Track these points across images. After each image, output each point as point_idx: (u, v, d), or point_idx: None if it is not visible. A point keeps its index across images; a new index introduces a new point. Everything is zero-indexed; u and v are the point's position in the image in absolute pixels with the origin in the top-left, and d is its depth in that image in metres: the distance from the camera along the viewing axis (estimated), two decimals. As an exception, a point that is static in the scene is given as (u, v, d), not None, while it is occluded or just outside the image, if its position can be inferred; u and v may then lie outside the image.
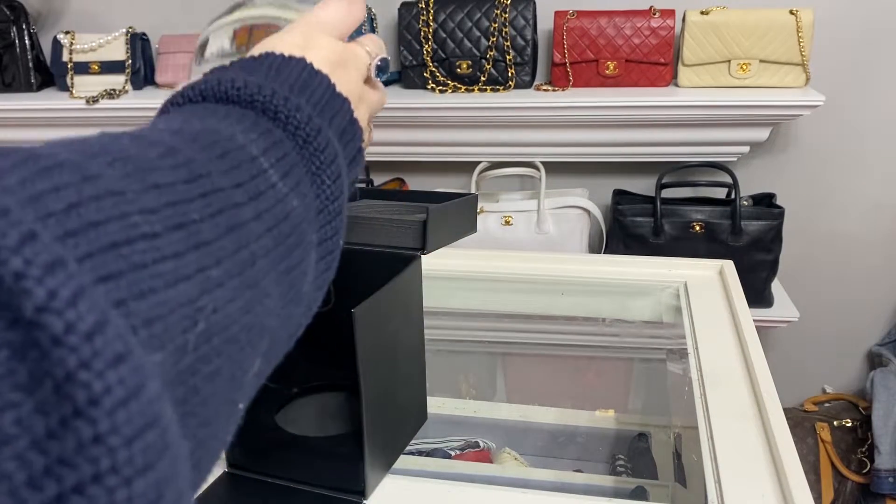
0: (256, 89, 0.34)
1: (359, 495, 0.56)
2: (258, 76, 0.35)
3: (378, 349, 0.56)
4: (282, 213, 0.30)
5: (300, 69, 0.37)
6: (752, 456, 0.58)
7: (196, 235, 0.24)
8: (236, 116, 0.32)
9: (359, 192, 0.75)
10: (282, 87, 0.35)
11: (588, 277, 0.92)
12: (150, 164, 0.25)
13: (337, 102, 0.38)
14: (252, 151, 0.30)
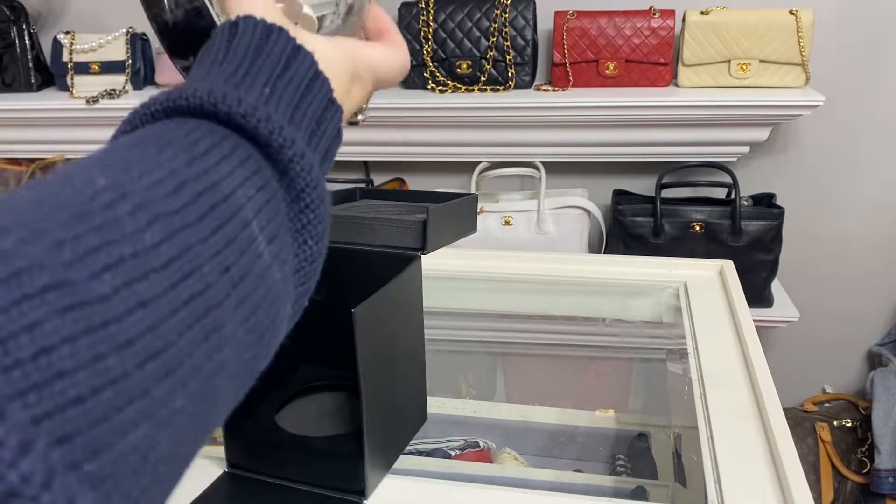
0: (257, 121, 0.30)
1: (359, 495, 0.56)
2: (254, 91, 0.32)
3: (378, 349, 0.56)
4: (262, 294, 0.28)
5: (296, 65, 0.35)
6: (752, 456, 0.58)
7: (169, 363, 0.22)
8: (228, 148, 0.29)
9: (359, 192, 0.75)
10: (280, 107, 0.32)
11: (588, 277, 0.92)
12: (145, 261, 0.22)
13: (331, 109, 0.36)
14: (247, 216, 0.28)
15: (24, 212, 0.21)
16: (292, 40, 0.36)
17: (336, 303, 0.63)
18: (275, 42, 0.35)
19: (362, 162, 1.73)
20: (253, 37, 0.35)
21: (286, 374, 0.70)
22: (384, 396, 0.58)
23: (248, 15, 0.36)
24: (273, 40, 0.35)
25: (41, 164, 1.72)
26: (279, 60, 0.35)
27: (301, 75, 0.35)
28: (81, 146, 1.72)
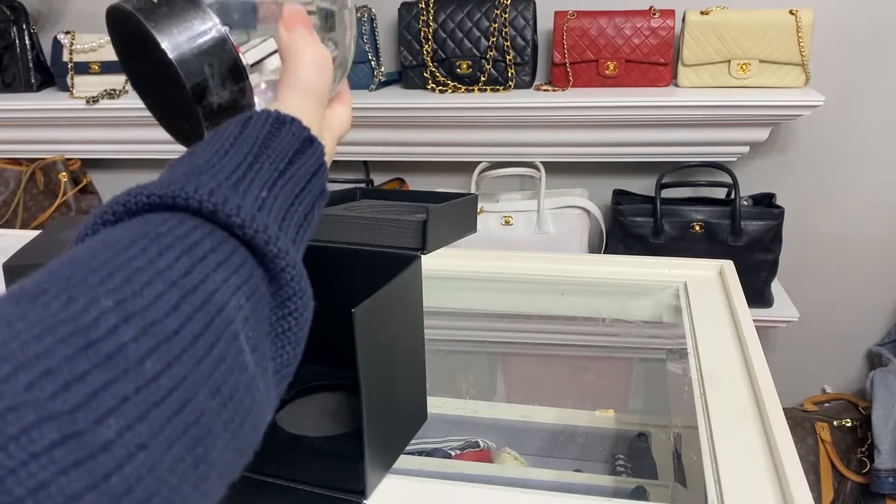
0: (254, 232, 0.31)
1: (359, 495, 0.56)
2: (252, 193, 0.33)
3: (378, 349, 0.56)
4: (248, 407, 0.28)
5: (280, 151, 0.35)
6: (752, 456, 0.58)
7: (162, 494, 0.22)
8: (225, 253, 0.29)
9: (359, 192, 0.75)
10: (275, 208, 0.33)
11: (588, 277, 0.92)
12: (146, 397, 0.23)
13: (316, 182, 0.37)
14: (237, 329, 0.28)
15: (28, 341, 0.21)
16: (305, 131, 0.37)
17: (336, 303, 0.63)
18: (286, 134, 0.36)
19: (362, 162, 1.73)
20: (262, 129, 0.36)
21: (286, 374, 0.70)
22: (384, 396, 0.58)
23: (268, 111, 0.37)
24: (285, 132, 0.36)
25: (41, 164, 1.72)
26: (285, 155, 0.36)
27: (306, 170, 0.36)
28: (81, 146, 1.72)
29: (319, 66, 0.40)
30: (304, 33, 0.41)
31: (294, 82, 0.40)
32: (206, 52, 0.39)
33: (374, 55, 1.57)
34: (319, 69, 0.41)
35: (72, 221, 0.72)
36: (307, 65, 0.40)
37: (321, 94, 0.41)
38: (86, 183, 1.78)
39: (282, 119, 0.37)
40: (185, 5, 0.39)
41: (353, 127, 1.63)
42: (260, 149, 0.35)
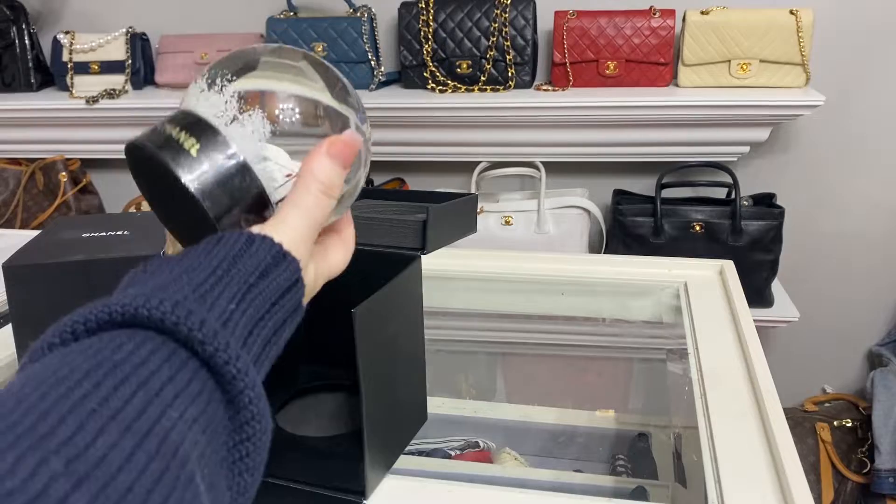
0: (214, 350, 0.30)
1: (359, 495, 0.56)
2: (218, 306, 0.32)
3: (378, 349, 0.56)
4: None
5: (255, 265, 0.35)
6: (753, 456, 0.58)
7: None
8: (183, 381, 0.29)
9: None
10: (240, 323, 0.33)
11: (588, 277, 0.92)
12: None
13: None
14: (193, 470, 0.27)
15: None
16: (277, 246, 0.37)
17: (336, 303, 0.63)
18: (257, 248, 0.36)
19: (362, 162, 1.73)
20: (234, 245, 0.36)
21: (286, 374, 0.70)
22: (384, 396, 0.58)
23: (240, 231, 0.37)
24: (256, 247, 0.36)
25: (41, 164, 1.72)
26: (255, 269, 0.35)
27: (278, 283, 0.36)
28: (81, 146, 1.72)
29: (328, 194, 0.40)
30: (333, 162, 0.40)
31: (298, 203, 0.39)
32: (230, 188, 0.39)
33: (374, 55, 1.57)
34: (327, 197, 0.40)
35: (72, 221, 0.71)
36: (317, 192, 0.40)
37: (321, 221, 0.41)
38: (85, 183, 1.78)
39: (252, 236, 0.37)
40: (211, 140, 0.39)
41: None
42: (230, 263, 0.35)
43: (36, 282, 0.60)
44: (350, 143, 0.41)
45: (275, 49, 0.44)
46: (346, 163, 0.41)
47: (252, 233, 0.37)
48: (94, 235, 0.66)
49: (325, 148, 0.40)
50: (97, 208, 1.81)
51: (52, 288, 0.60)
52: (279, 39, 1.56)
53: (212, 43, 1.65)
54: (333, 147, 0.40)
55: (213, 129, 0.39)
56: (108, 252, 0.62)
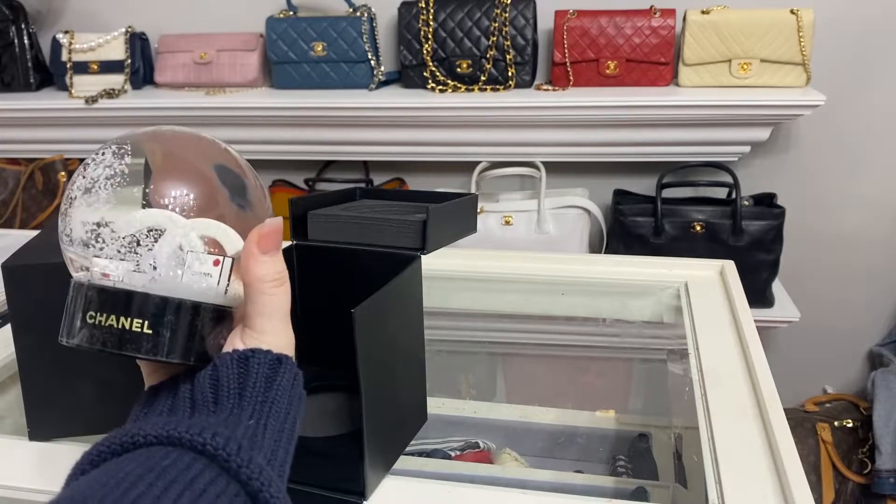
0: (238, 467, 0.34)
1: (359, 496, 0.56)
2: (240, 427, 0.36)
3: (378, 349, 0.55)
4: None
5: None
6: (753, 456, 0.58)
7: None
8: (221, 485, 0.33)
9: (358, 192, 0.75)
10: (266, 437, 0.37)
11: (588, 277, 0.92)
12: None
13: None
14: None
15: None
16: (270, 355, 0.40)
17: (336, 303, 0.62)
18: (254, 364, 0.39)
19: (362, 162, 1.73)
20: (232, 371, 0.39)
21: (286, 374, 0.69)
22: (384, 396, 0.58)
23: (231, 352, 0.40)
24: (253, 362, 0.39)
25: (40, 164, 1.72)
26: (261, 385, 0.39)
27: (286, 384, 0.40)
28: (80, 146, 1.72)
29: (280, 283, 0.41)
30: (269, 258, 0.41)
31: (264, 310, 0.41)
32: (193, 332, 0.40)
33: (374, 55, 1.57)
34: (281, 285, 0.42)
35: (70, 221, 0.71)
36: (272, 290, 0.41)
37: (287, 307, 0.42)
38: (85, 183, 1.78)
39: (244, 355, 0.39)
40: (153, 306, 0.39)
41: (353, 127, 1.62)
42: (239, 387, 0.38)
43: (35, 282, 0.59)
44: (274, 230, 0.41)
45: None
46: (279, 246, 0.42)
47: (241, 351, 0.40)
48: (94, 235, 0.66)
49: (256, 249, 0.40)
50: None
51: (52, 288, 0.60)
52: (279, 39, 1.56)
53: (211, 42, 1.65)
54: (264, 243, 0.41)
55: (149, 296, 0.38)
56: (107, 252, 0.61)
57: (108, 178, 0.40)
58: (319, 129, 1.57)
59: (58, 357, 0.59)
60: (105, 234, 0.39)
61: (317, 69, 1.57)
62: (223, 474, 0.33)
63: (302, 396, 0.41)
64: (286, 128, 1.58)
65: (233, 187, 0.43)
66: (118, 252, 0.39)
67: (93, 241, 0.39)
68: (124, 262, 0.39)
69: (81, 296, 0.39)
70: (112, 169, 0.40)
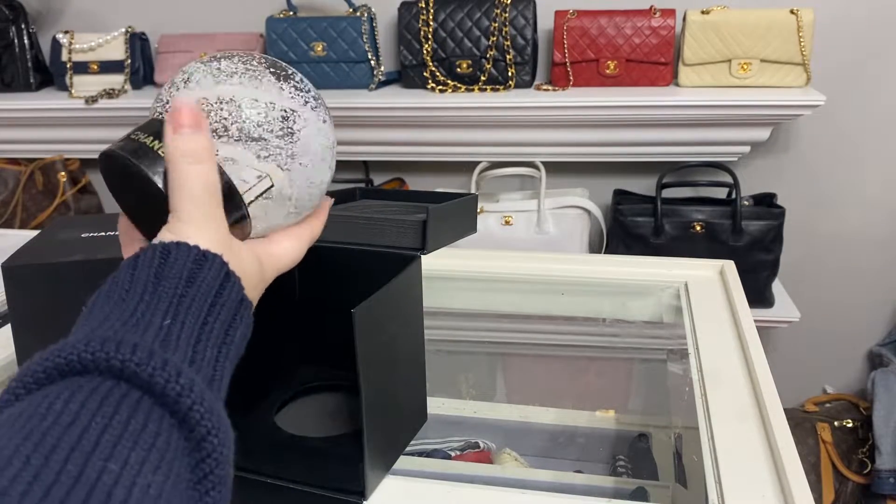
0: (151, 371, 0.30)
1: (359, 496, 0.56)
2: (152, 327, 0.32)
3: (378, 349, 0.55)
4: None
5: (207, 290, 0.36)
6: (753, 456, 0.58)
7: None
8: (107, 418, 0.28)
9: (358, 192, 0.75)
10: (182, 335, 0.33)
11: (588, 277, 0.92)
12: None
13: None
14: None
15: None
16: (194, 249, 0.36)
17: (336, 303, 0.63)
18: (175, 258, 0.36)
19: (362, 162, 1.73)
20: (153, 262, 0.36)
21: (286, 374, 0.70)
22: (384, 396, 0.58)
23: (153, 244, 0.37)
24: (174, 257, 0.36)
25: (40, 164, 1.72)
26: (180, 277, 0.35)
27: (209, 283, 0.36)
28: (80, 146, 1.72)
29: (198, 161, 0.40)
30: (187, 150, 0.40)
31: (177, 186, 0.39)
32: None
33: (374, 54, 1.57)
34: (199, 163, 0.40)
35: (71, 221, 0.71)
36: (185, 165, 0.39)
37: (209, 189, 0.40)
38: (85, 183, 1.78)
39: (167, 247, 0.36)
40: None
41: (353, 126, 1.61)
42: (154, 282, 0.35)
43: (35, 282, 0.59)
44: (188, 108, 0.41)
45: (232, 57, 0.45)
46: (198, 125, 0.41)
47: (165, 243, 0.37)
48: (93, 235, 0.66)
49: (170, 124, 0.40)
50: (96, 208, 1.81)
51: (51, 288, 0.60)
52: (279, 39, 1.56)
53: (211, 42, 1.65)
54: (176, 117, 0.40)
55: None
56: (106, 252, 0.62)
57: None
58: (319, 129, 1.57)
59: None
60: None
61: (317, 69, 1.57)
62: (126, 396, 0.29)
63: (244, 303, 0.38)
64: (286, 128, 1.58)
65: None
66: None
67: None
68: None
69: (146, 122, 0.44)
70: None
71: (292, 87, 0.45)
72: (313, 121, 0.45)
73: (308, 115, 0.45)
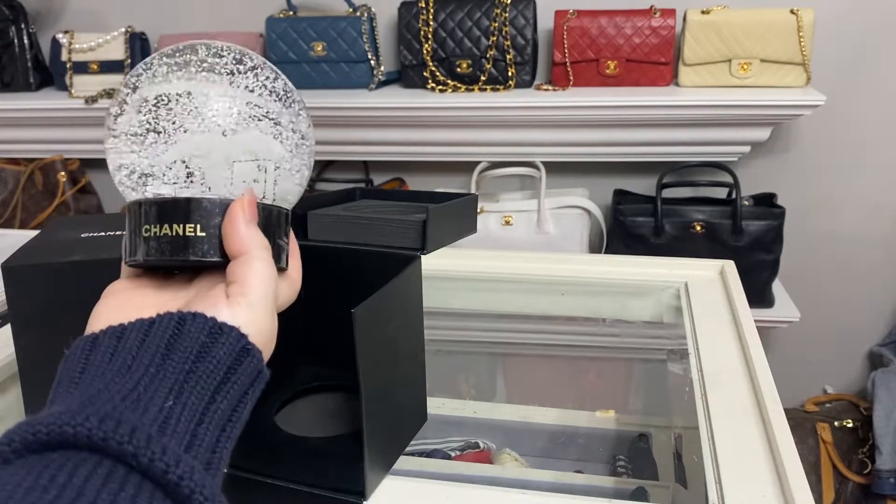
0: (150, 460, 0.28)
1: (359, 496, 0.56)
2: (152, 408, 0.31)
3: (378, 349, 0.55)
4: None
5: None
6: (753, 457, 0.58)
7: None
8: (111, 497, 0.27)
9: (358, 192, 0.75)
10: (182, 420, 0.31)
11: (588, 277, 0.92)
12: None
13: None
14: None
15: None
16: (210, 321, 0.35)
17: (336, 303, 0.62)
18: (189, 330, 0.34)
19: (362, 162, 1.73)
20: (166, 332, 0.34)
21: (286, 374, 0.70)
22: (384, 397, 0.57)
23: (170, 312, 0.35)
24: (188, 328, 0.34)
25: (40, 164, 1.72)
26: (191, 351, 0.34)
27: (220, 359, 0.34)
28: (80, 146, 1.72)
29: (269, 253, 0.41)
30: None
31: (260, 277, 0.39)
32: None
33: (374, 54, 1.57)
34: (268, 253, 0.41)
35: (70, 221, 0.71)
36: (271, 261, 0.40)
37: (273, 298, 0.40)
38: (84, 183, 1.78)
39: (184, 316, 0.35)
40: (201, 209, 0.40)
41: (353, 126, 1.61)
42: (164, 353, 0.33)
43: (35, 282, 0.59)
44: (251, 201, 0.41)
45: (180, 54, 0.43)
46: (254, 217, 0.41)
47: (183, 313, 0.35)
48: (93, 235, 0.66)
49: (241, 216, 0.40)
50: (96, 208, 1.81)
51: (51, 288, 0.60)
52: (279, 39, 1.56)
53: (211, 42, 1.65)
54: (250, 210, 0.40)
55: (197, 200, 0.40)
56: (106, 252, 0.61)
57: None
58: (319, 129, 1.57)
59: (58, 357, 0.59)
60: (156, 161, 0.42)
61: (317, 69, 1.57)
62: (128, 480, 0.28)
63: (260, 376, 0.37)
64: (286, 128, 1.58)
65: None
66: (166, 173, 0.42)
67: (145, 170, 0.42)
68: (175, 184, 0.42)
69: (138, 214, 0.41)
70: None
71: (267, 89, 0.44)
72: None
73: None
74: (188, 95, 0.42)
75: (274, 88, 0.44)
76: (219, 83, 0.42)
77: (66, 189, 1.72)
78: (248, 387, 0.36)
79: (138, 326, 0.35)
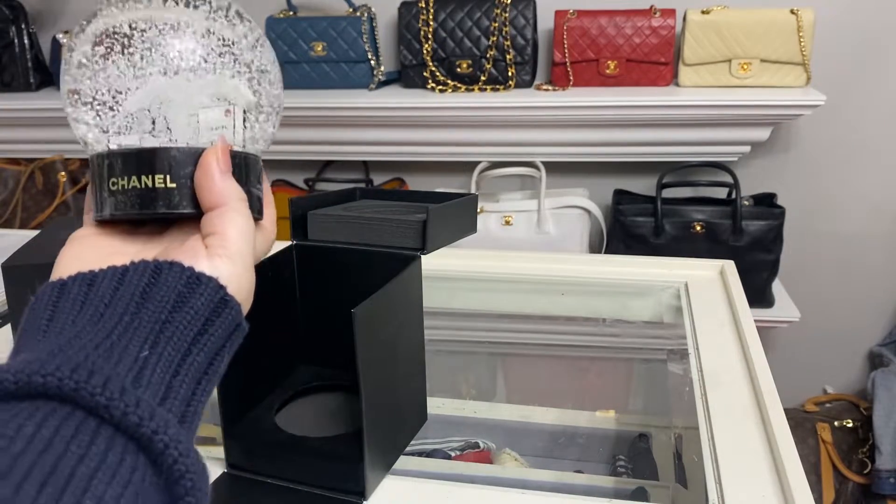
0: (123, 412, 0.27)
1: (359, 496, 0.56)
2: (126, 359, 0.29)
3: (378, 349, 0.55)
4: None
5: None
6: (753, 456, 0.58)
7: None
8: (82, 449, 0.26)
9: (358, 192, 0.75)
10: (157, 371, 0.30)
11: (588, 277, 0.92)
12: None
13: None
14: None
15: None
16: (187, 270, 0.34)
17: (336, 303, 0.62)
18: (166, 279, 0.33)
19: (362, 162, 1.73)
20: (141, 280, 0.33)
21: (286, 374, 0.70)
22: (384, 396, 0.57)
23: (145, 260, 0.34)
24: (164, 277, 0.33)
25: (40, 164, 1.72)
26: (167, 300, 0.32)
27: (198, 310, 0.33)
28: (80, 146, 1.71)
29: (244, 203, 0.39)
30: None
31: (236, 228, 0.38)
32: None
33: (374, 54, 1.57)
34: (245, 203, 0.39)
35: (70, 221, 0.71)
36: (247, 213, 0.39)
37: (251, 250, 0.39)
38: (85, 183, 1.78)
39: (160, 265, 0.33)
40: (169, 160, 0.38)
41: (353, 126, 1.61)
42: (139, 302, 0.32)
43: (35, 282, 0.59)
44: (225, 150, 0.39)
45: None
46: (228, 168, 0.39)
47: (159, 261, 0.34)
48: (93, 235, 0.66)
49: (216, 167, 0.38)
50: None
51: (51, 288, 0.60)
52: (279, 39, 1.56)
53: (211, 43, 1.65)
54: (225, 160, 0.39)
55: (165, 149, 0.38)
56: (107, 252, 0.61)
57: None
58: (319, 129, 1.57)
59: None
60: (118, 108, 0.40)
61: (317, 69, 1.57)
62: (98, 432, 0.27)
63: (238, 329, 0.36)
64: (286, 128, 1.58)
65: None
66: (130, 124, 0.40)
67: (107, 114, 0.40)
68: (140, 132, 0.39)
69: (102, 166, 0.39)
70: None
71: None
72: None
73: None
74: (145, 31, 0.39)
75: (233, 23, 0.42)
76: (177, 13, 0.40)
77: (66, 189, 1.72)
78: (225, 339, 0.34)
79: (110, 274, 0.33)
